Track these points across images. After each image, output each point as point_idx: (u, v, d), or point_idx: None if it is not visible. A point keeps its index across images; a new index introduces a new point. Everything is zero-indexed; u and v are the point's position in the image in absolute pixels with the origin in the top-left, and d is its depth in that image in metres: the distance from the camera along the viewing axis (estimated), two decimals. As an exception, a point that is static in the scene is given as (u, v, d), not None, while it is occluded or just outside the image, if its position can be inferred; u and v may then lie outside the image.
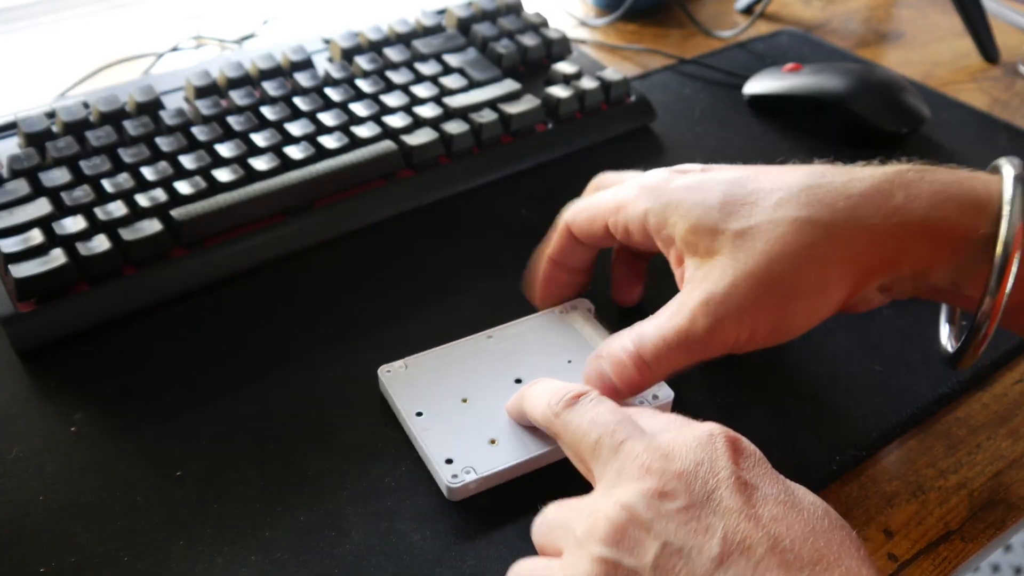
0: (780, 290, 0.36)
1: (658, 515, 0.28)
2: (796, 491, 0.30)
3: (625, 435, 0.32)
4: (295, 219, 0.52)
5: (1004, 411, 0.45)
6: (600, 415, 0.33)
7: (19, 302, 0.46)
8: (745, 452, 0.31)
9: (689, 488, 0.29)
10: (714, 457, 0.30)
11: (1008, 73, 0.75)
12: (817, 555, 0.27)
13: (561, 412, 0.35)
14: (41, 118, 0.54)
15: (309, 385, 0.45)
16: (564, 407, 0.35)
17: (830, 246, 0.36)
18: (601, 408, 0.34)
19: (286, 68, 0.61)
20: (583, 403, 0.35)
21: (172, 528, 0.38)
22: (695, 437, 0.31)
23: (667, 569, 0.27)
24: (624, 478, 0.30)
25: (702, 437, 0.31)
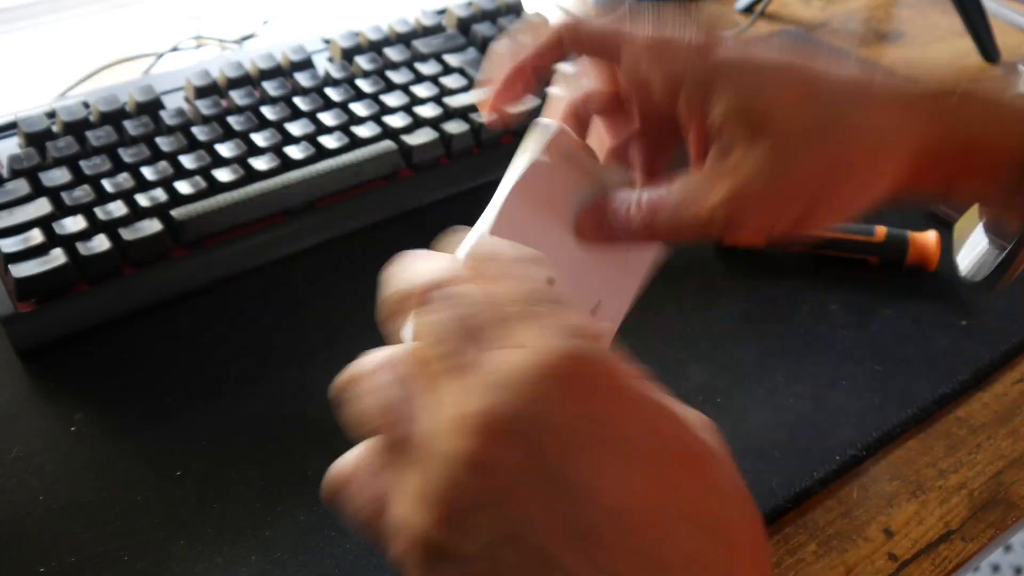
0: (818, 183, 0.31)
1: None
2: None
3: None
4: (295, 219, 0.52)
5: (1004, 411, 0.45)
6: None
7: (19, 302, 0.46)
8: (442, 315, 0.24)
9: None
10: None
11: (1008, 73, 0.75)
12: None
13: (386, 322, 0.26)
14: (41, 118, 0.54)
15: (309, 385, 0.45)
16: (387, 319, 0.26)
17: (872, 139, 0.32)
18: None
19: (286, 68, 0.61)
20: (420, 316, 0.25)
21: (172, 528, 0.38)
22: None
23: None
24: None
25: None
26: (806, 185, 0.31)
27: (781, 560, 0.38)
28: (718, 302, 0.50)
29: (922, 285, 0.52)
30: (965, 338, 0.48)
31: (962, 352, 0.47)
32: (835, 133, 0.31)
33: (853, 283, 0.52)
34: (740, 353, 0.47)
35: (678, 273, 0.52)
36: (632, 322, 0.49)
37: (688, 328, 0.49)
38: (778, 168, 0.31)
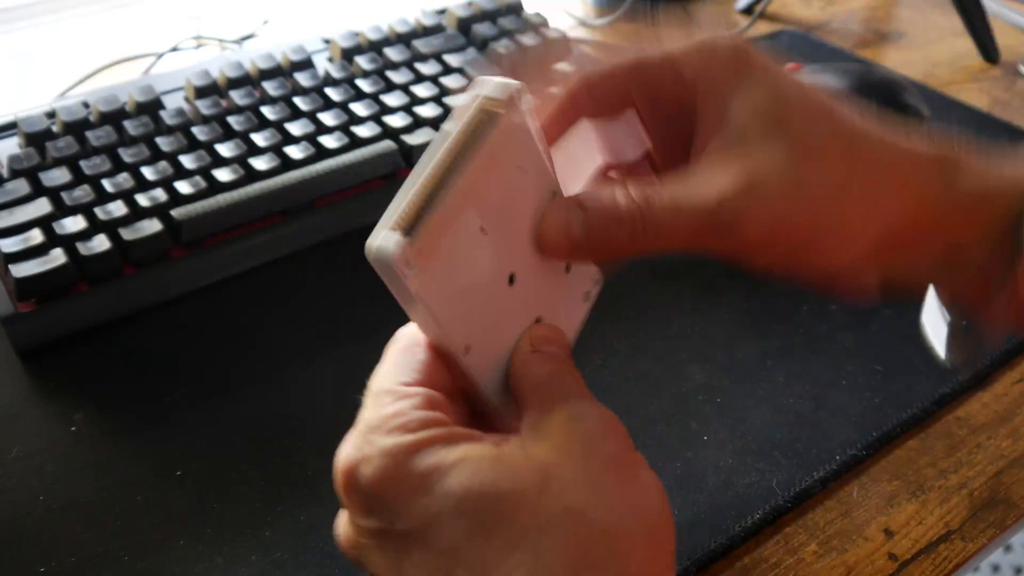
0: (834, 203, 0.30)
1: None
2: (437, 500, 0.24)
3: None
4: (295, 219, 0.52)
5: (1004, 411, 0.45)
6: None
7: (19, 302, 0.46)
8: (364, 493, 0.26)
9: None
10: (350, 536, 0.28)
11: (1008, 73, 0.75)
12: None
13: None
14: (41, 118, 0.54)
15: (309, 385, 0.45)
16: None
17: (887, 178, 0.31)
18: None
19: (286, 68, 0.61)
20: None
21: (172, 528, 0.38)
22: None
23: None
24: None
25: None
26: (818, 195, 0.29)
27: (781, 560, 0.38)
28: (718, 302, 0.50)
29: (922, 285, 0.52)
30: (965, 338, 0.48)
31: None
32: (855, 152, 0.30)
33: (853, 283, 0.52)
34: (740, 353, 0.47)
35: (678, 273, 0.52)
36: (632, 322, 0.49)
37: (688, 328, 0.49)
38: (795, 170, 0.29)
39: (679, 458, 0.42)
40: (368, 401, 0.27)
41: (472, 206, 0.26)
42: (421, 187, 0.25)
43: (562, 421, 0.26)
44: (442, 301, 0.26)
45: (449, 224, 0.25)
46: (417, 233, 0.24)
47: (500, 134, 0.26)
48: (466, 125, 0.26)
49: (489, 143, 0.26)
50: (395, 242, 0.24)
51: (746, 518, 0.39)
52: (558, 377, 0.28)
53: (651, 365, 0.47)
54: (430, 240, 0.25)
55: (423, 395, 0.27)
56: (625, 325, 0.49)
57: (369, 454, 0.25)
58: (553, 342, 0.29)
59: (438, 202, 0.25)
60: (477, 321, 0.28)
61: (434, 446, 0.25)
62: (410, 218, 0.25)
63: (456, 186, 0.25)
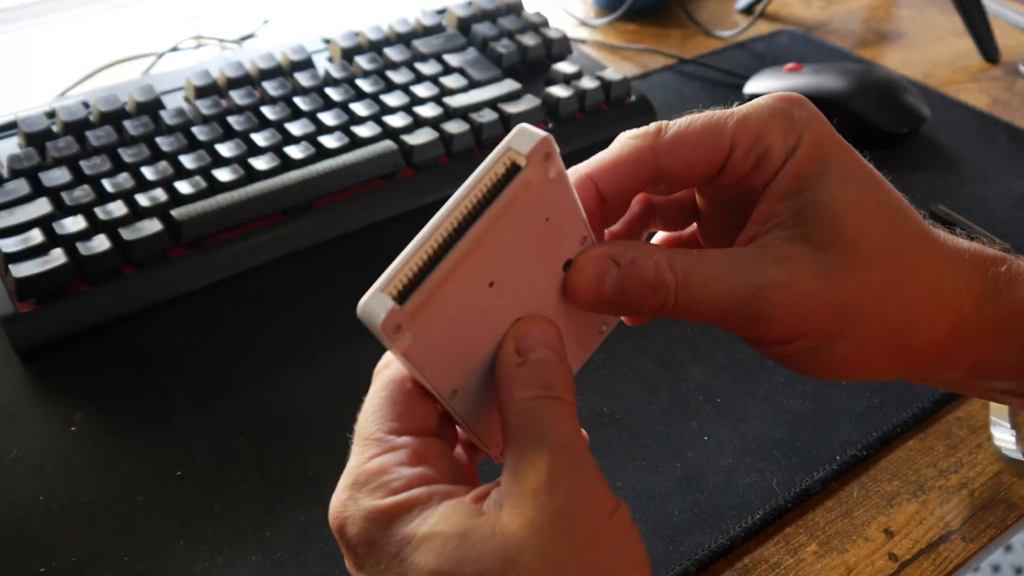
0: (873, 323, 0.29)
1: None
2: (408, 573, 0.25)
3: None
4: (295, 219, 0.52)
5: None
6: None
7: (19, 302, 0.46)
8: (353, 549, 0.26)
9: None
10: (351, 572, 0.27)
11: (1008, 73, 0.75)
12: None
13: None
14: (41, 118, 0.54)
15: (309, 385, 0.45)
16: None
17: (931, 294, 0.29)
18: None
19: (286, 68, 0.61)
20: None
21: (172, 528, 0.38)
22: None
23: None
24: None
25: None
26: (852, 311, 0.28)
27: (781, 560, 0.38)
28: (718, 302, 0.50)
29: (922, 285, 0.52)
30: (965, 338, 0.48)
31: (962, 352, 0.47)
32: (901, 268, 0.29)
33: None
34: (740, 353, 0.47)
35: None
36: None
37: (688, 328, 0.49)
38: (837, 281, 0.28)
39: (679, 458, 0.42)
40: (355, 446, 0.27)
41: (481, 264, 0.25)
42: (424, 248, 0.24)
43: (536, 489, 0.25)
44: (432, 358, 0.26)
45: (449, 285, 0.25)
46: (412, 297, 0.24)
47: (521, 188, 0.25)
48: (487, 177, 0.25)
49: (509, 196, 0.25)
50: (384, 307, 0.24)
51: (746, 518, 0.39)
52: (541, 407, 0.26)
53: (651, 365, 0.47)
54: (425, 303, 0.24)
55: (411, 448, 0.26)
56: (625, 325, 0.49)
57: (353, 514, 0.26)
58: (540, 342, 0.27)
59: (441, 264, 0.24)
60: (469, 365, 0.27)
61: (412, 512, 0.25)
62: (406, 280, 0.24)
63: (463, 247, 0.25)
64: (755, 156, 0.29)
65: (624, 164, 0.29)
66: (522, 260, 0.27)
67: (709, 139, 0.29)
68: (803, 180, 0.28)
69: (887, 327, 0.29)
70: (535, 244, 0.27)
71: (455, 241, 0.25)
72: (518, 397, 0.26)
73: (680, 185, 0.30)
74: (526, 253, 0.27)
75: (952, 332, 0.30)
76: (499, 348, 0.28)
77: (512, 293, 0.27)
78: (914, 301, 0.29)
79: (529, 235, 0.26)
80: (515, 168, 0.25)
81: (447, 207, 0.25)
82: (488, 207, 0.25)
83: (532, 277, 0.27)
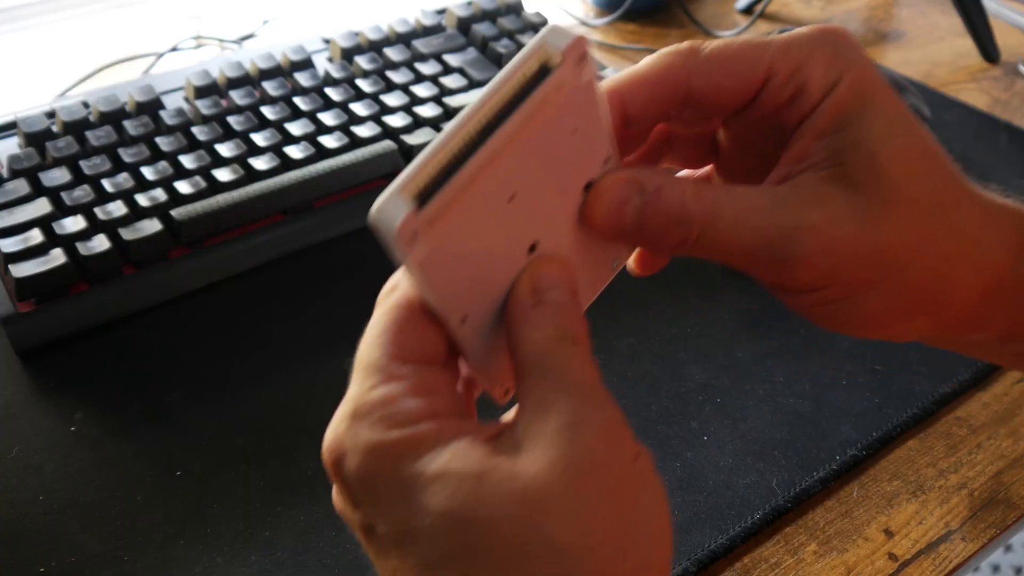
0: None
1: None
2: (415, 514, 0.23)
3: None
4: (295, 219, 0.52)
5: (1004, 411, 0.45)
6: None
7: (19, 302, 0.46)
8: (350, 485, 0.25)
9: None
10: (343, 510, 0.26)
11: (1008, 73, 0.75)
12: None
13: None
14: (41, 118, 0.54)
15: (309, 384, 0.45)
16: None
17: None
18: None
19: (286, 68, 0.61)
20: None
21: (172, 528, 0.38)
22: None
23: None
24: None
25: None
26: (889, 262, 0.27)
27: (781, 560, 0.38)
28: (718, 302, 0.50)
29: (922, 285, 0.52)
30: (965, 338, 0.48)
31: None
32: (941, 219, 0.27)
33: (853, 283, 0.52)
34: (740, 353, 0.47)
35: (678, 273, 0.52)
36: (633, 322, 0.49)
37: (688, 328, 0.49)
38: (875, 227, 0.26)
39: (679, 458, 0.42)
40: (355, 375, 0.25)
41: (506, 170, 0.23)
42: (448, 147, 0.22)
43: (559, 428, 0.23)
44: (446, 275, 0.23)
45: (472, 191, 0.22)
46: (431, 201, 0.22)
47: (554, 89, 0.23)
48: (517, 76, 0.23)
49: (539, 98, 0.23)
50: (401, 210, 0.21)
51: (746, 518, 0.39)
52: (559, 349, 0.25)
53: (651, 365, 0.47)
54: (445, 209, 0.22)
55: (416, 378, 0.24)
56: (625, 325, 0.49)
57: (353, 446, 0.24)
58: (557, 284, 0.26)
59: (465, 166, 0.22)
60: (482, 290, 0.25)
61: (420, 447, 0.23)
62: (426, 181, 0.22)
63: (490, 148, 0.22)
64: (793, 88, 0.27)
65: (654, 81, 0.27)
66: (544, 174, 0.24)
67: (745, 64, 0.27)
68: (843, 118, 0.27)
69: (922, 281, 0.27)
70: (559, 158, 0.25)
71: (480, 143, 0.22)
72: (534, 337, 0.25)
73: (709, 111, 0.28)
74: (549, 167, 0.24)
75: (986, 291, 0.28)
76: (514, 285, 0.26)
77: (531, 211, 0.25)
78: (952, 256, 0.27)
79: (555, 146, 0.24)
80: (546, 69, 0.23)
81: (473, 104, 0.22)
82: (518, 108, 0.23)
83: (552, 196, 0.25)
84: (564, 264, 0.26)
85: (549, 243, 0.26)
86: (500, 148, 0.22)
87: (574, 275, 0.27)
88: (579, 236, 0.27)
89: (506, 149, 0.23)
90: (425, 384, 0.24)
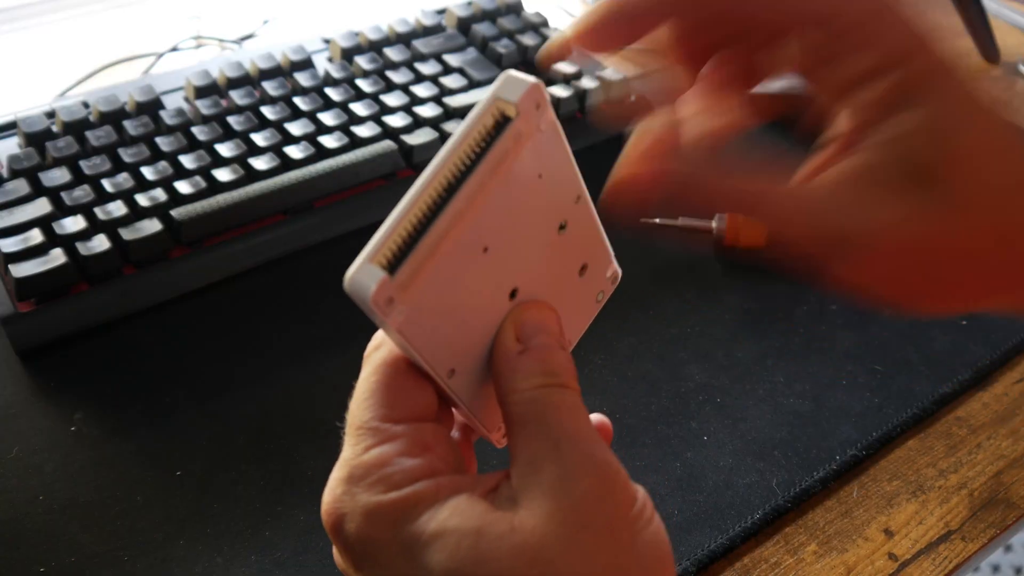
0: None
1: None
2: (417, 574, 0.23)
3: None
4: (295, 219, 0.52)
5: (1004, 411, 0.45)
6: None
7: (19, 302, 0.46)
8: (351, 548, 0.25)
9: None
10: (345, 571, 0.26)
11: (1008, 73, 0.75)
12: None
13: None
14: (41, 118, 0.54)
15: (309, 385, 0.45)
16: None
17: None
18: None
19: (286, 68, 0.61)
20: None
21: (172, 528, 0.38)
22: None
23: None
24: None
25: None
26: (957, 258, 0.25)
27: (781, 560, 0.38)
28: (718, 302, 0.50)
29: (922, 285, 0.52)
30: (965, 338, 0.48)
31: (962, 352, 0.47)
32: (1011, 214, 0.25)
33: (853, 283, 0.52)
34: (740, 353, 0.47)
35: (678, 273, 0.52)
36: (632, 322, 0.49)
37: (688, 328, 0.49)
38: (944, 223, 0.25)
39: (679, 458, 0.42)
40: (348, 437, 0.25)
41: (474, 226, 0.23)
42: (412, 211, 0.22)
43: (554, 480, 0.23)
44: (427, 332, 0.24)
45: (442, 251, 0.23)
46: (403, 266, 0.22)
47: (513, 141, 0.23)
48: (473, 132, 0.23)
49: (499, 151, 0.23)
50: (374, 278, 0.22)
51: (746, 518, 0.39)
52: (548, 397, 0.25)
53: (651, 365, 0.47)
54: (418, 271, 0.22)
55: (409, 436, 0.24)
56: (625, 325, 0.49)
57: (352, 510, 0.24)
58: (541, 329, 0.26)
59: (432, 228, 0.22)
60: (467, 342, 0.25)
61: (418, 507, 0.23)
62: (395, 248, 0.22)
63: (454, 208, 0.22)
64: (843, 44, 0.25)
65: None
66: (516, 222, 0.24)
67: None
68: (904, 95, 0.25)
69: (983, 280, 0.26)
70: (528, 204, 0.25)
71: (445, 202, 0.22)
72: (522, 387, 0.25)
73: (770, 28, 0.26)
74: (519, 214, 0.24)
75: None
76: (498, 334, 0.26)
77: (506, 259, 0.25)
78: (1018, 255, 0.26)
79: (522, 194, 0.24)
80: (505, 119, 0.23)
81: (434, 165, 0.23)
82: (478, 163, 0.23)
83: (526, 241, 0.25)
84: (546, 307, 0.26)
85: (529, 288, 0.26)
86: (465, 206, 0.23)
87: (557, 317, 0.27)
88: (559, 276, 0.27)
89: (472, 205, 0.23)
90: (419, 442, 0.24)
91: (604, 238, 0.29)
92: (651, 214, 0.55)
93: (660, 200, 0.25)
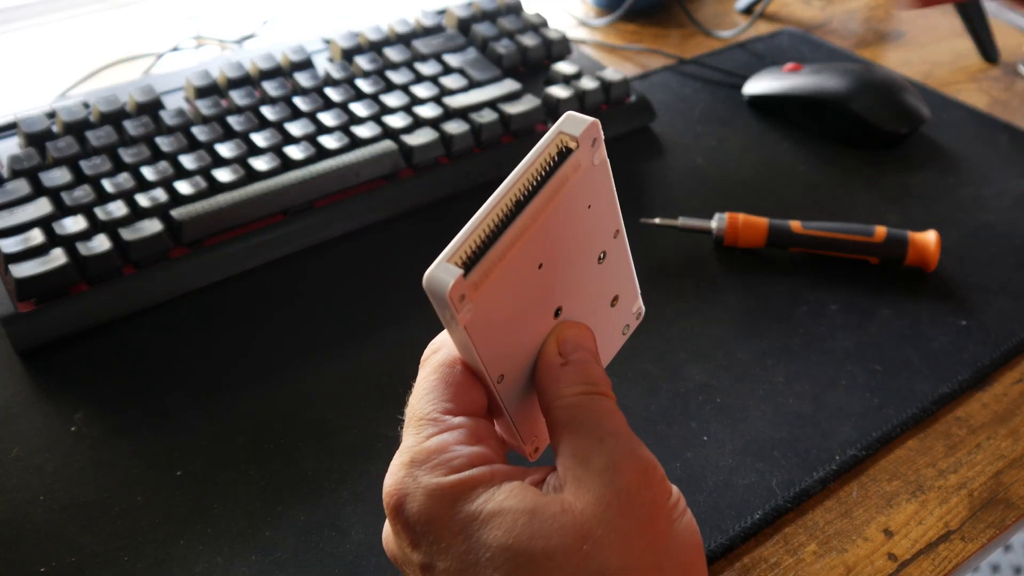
0: None
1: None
2: (475, 550, 0.25)
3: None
4: (295, 219, 0.52)
5: (1004, 411, 0.45)
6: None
7: (19, 302, 0.46)
8: (411, 527, 0.26)
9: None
10: (397, 554, 0.28)
11: (1008, 73, 0.75)
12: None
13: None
14: (41, 118, 0.54)
15: (309, 385, 0.45)
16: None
17: None
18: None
19: (286, 68, 0.61)
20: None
21: (172, 528, 0.38)
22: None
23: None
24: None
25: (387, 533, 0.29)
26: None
27: (781, 560, 0.38)
28: (718, 302, 0.50)
29: (922, 285, 0.52)
30: (965, 338, 0.48)
31: (962, 352, 0.47)
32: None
33: (853, 283, 0.52)
34: (740, 353, 0.47)
35: (678, 273, 0.52)
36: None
37: (688, 328, 0.49)
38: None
39: (679, 458, 0.42)
40: (409, 427, 0.28)
41: (534, 243, 0.26)
42: (486, 221, 0.25)
43: (599, 470, 0.26)
44: (487, 335, 0.26)
45: (508, 260, 0.26)
46: (475, 268, 0.25)
47: (572, 169, 0.27)
48: (540, 158, 0.26)
49: (560, 177, 0.26)
50: (451, 275, 0.24)
51: (746, 518, 0.39)
52: (590, 402, 0.28)
53: (651, 365, 0.47)
54: (486, 276, 0.25)
55: (467, 428, 0.27)
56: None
57: (414, 490, 0.26)
58: (581, 346, 0.29)
59: (501, 238, 0.25)
60: (516, 352, 0.28)
61: (477, 489, 0.25)
62: (471, 251, 0.25)
63: (521, 222, 0.26)
64: None
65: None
66: (565, 246, 0.28)
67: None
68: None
69: None
70: (577, 231, 0.28)
71: (514, 216, 0.26)
72: (567, 392, 0.28)
73: None
74: (569, 239, 0.28)
75: None
76: (543, 347, 0.29)
77: (555, 278, 0.28)
78: None
79: (573, 220, 0.27)
80: (566, 151, 0.26)
81: (506, 184, 0.26)
82: (542, 186, 0.26)
83: (572, 265, 0.28)
84: (585, 328, 0.30)
85: (571, 309, 0.29)
86: (529, 222, 0.26)
87: (594, 337, 0.30)
88: (595, 303, 0.31)
89: (534, 222, 0.26)
90: (475, 433, 0.27)
91: (634, 274, 0.32)
92: (651, 214, 0.55)
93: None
